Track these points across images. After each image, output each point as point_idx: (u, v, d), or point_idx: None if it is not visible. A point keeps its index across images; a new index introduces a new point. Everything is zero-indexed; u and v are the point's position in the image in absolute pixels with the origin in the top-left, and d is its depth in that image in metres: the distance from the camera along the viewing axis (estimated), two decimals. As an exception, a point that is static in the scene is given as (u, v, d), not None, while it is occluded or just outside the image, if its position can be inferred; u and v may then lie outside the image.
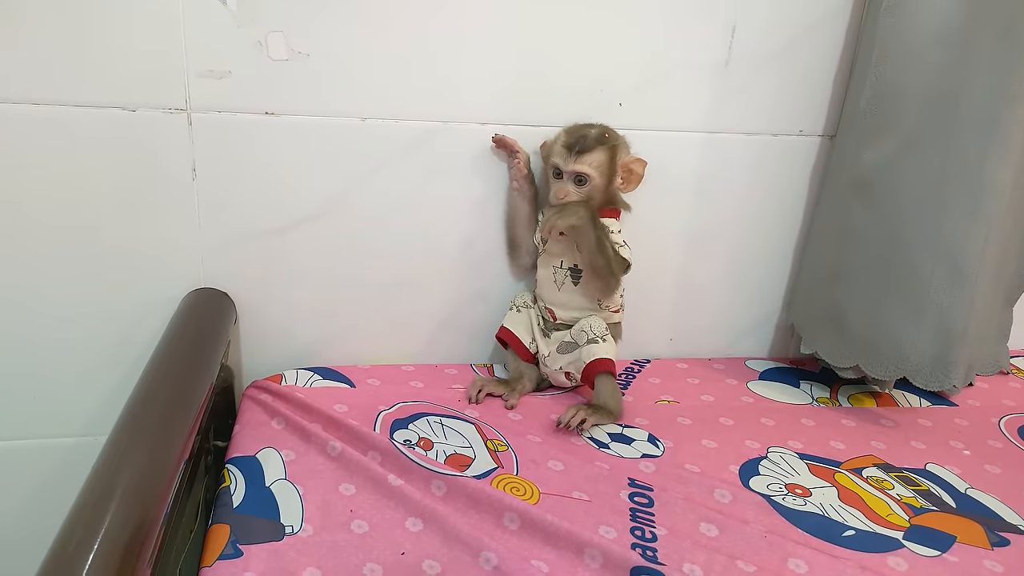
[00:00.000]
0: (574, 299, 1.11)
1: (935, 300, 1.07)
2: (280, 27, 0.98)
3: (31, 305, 1.04)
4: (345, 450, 0.93)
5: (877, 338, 1.12)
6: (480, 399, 1.10)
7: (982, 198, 1.03)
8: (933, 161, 1.04)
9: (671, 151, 1.16)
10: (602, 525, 0.84)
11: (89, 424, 1.12)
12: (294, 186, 1.06)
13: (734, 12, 1.10)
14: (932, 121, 1.04)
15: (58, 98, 0.95)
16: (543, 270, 1.13)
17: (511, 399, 1.09)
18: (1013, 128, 1.01)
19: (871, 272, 1.12)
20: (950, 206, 1.05)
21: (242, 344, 1.14)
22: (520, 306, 1.17)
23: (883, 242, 1.10)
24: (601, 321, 1.09)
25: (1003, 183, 1.04)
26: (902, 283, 1.09)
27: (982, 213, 1.04)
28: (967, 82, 1.01)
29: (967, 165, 1.03)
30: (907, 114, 1.05)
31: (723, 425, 1.09)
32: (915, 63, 1.03)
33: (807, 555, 0.82)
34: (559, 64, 1.08)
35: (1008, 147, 1.02)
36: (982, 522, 0.91)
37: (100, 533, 0.59)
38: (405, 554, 0.78)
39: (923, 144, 1.05)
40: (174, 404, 0.80)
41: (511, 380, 1.14)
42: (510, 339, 1.15)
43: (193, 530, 0.87)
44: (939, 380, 1.10)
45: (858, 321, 1.13)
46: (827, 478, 0.98)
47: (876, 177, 1.09)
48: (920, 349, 1.09)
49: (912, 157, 1.06)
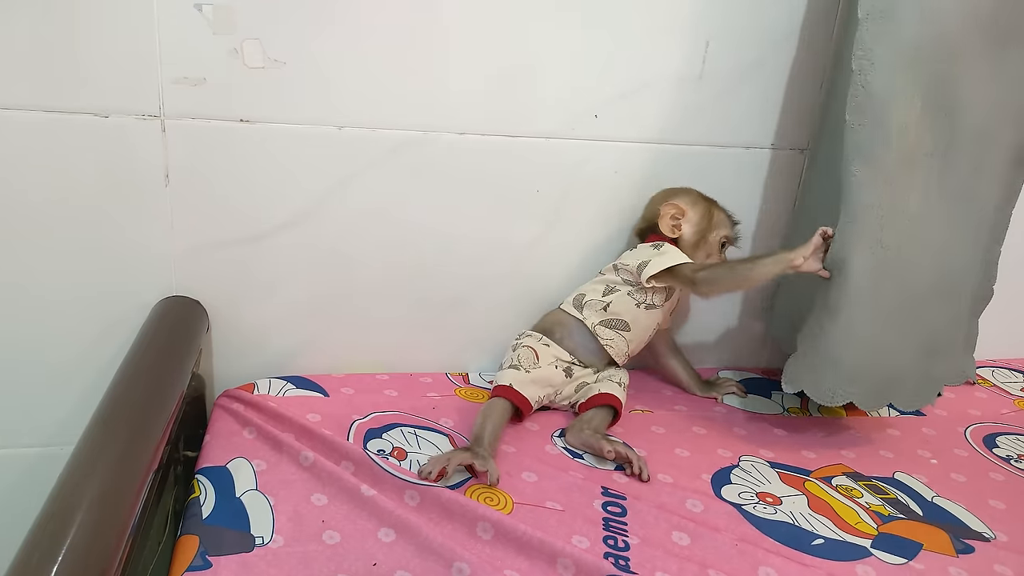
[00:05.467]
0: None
1: (924, 318, 1.04)
2: (256, 34, 0.98)
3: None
4: (318, 460, 0.92)
5: (868, 367, 1.04)
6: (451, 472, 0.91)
7: (971, 212, 1.02)
8: (925, 176, 0.99)
9: (644, 163, 1.17)
10: (575, 534, 0.84)
11: (56, 434, 1.09)
12: (269, 194, 1.06)
13: (708, 26, 1.12)
14: (923, 132, 0.98)
15: (29, 103, 0.94)
16: (649, 320, 1.13)
17: (487, 465, 0.92)
18: (1003, 142, 1.01)
19: (857, 297, 1.00)
20: (942, 221, 1.02)
21: (214, 353, 1.13)
22: (528, 366, 1.08)
23: (877, 259, 1.00)
24: (628, 375, 1.16)
25: (990, 196, 1.02)
26: (897, 304, 1.02)
27: (971, 226, 1.03)
28: (960, 93, 0.98)
29: (960, 177, 1.00)
30: (894, 126, 0.97)
31: (696, 434, 1.10)
32: (902, 74, 0.96)
33: (777, 563, 0.82)
34: (536, 75, 1.09)
35: (999, 160, 1.02)
36: (948, 530, 0.93)
37: (65, 545, 0.58)
38: (377, 565, 0.78)
39: (913, 155, 0.99)
40: (143, 413, 0.79)
41: (477, 447, 0.95)
42: (524, 408, 1.04)
43: (161, 542, 0.86)
44: (923, 399, 1.10)
45: (852, 353, 1.03)
46: (797, 487, 0.99)
47: (868, 192, 0.99)
48: (909, 370, 1.07)
49: (901, 168, 0.98)
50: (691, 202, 1.14)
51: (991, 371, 1.44)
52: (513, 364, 1.09)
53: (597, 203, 1.18)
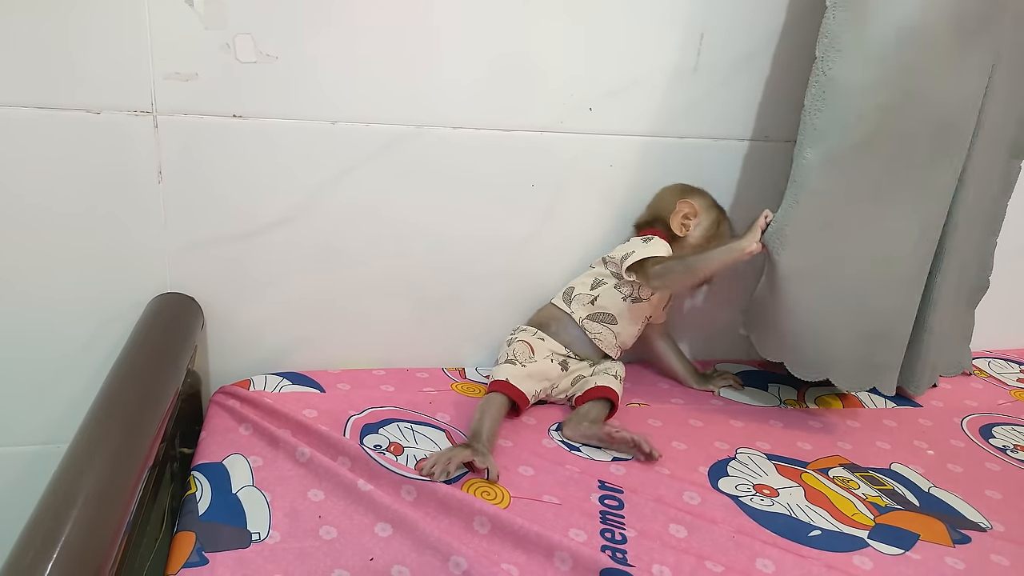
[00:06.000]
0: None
1: (865, 303, 1.06)
2: (248, 29, 0.97)
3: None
4: (314, 456, 0.92)
5: (805, 339, 1.08)
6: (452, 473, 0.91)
7: (922, 200, 1.02)
8: (879, 163, 1.00)
9: (640, 156, 1.17)
10: (572, 528, 0.84)
11: (51, 432, 1.09)
12: (262, 190, 1.05)
13: (702, 19, 1.12)
14: (882, 121, 0.97)
15: (21, 100, 0.93)
16: (636, 314, 1.13)
17: (486, 462, 0.92)
18: (968, 133, 1.01)
19: (808, 274, 1.04)
20: (892, 209, 1.03)
21: (209, 349, 1.12)
22: (524, 361, 1.08)
23: (819, 241, 1.03)
24: (624, 368, 1.15)
25: (947, 187, 1.03)
26: (836, 285, 1.05)
27: (920, 216, 1.03)
28: (923, 83, 0.97)
29: (915, 166, 1.01)
30: (854, 113, 0.97)
31: (693, 427, 1.10)
32: (872, 62, 0.95)
33: (774, 555, 0.83)
34: (530, 68, 1.09)
35: (962, 153, 1.02)
36: (944, 520, 0.93)
37: (59, 542, 0.58)
38: (374, 560, 0.78)
39: (869, 143, 0.98)
40: (138, 410, 0.79)
41: (476, 443, 0.95)
42: (521, 402, 1.05)
43: (158, 538, 0.86)
44: (862, 383, 1.11)
45: (788, 322, 1.08)
46: (794, 478, 0.99)
47: (817, 176, 1.00)
48: (846, 351, 1.08)
49: (855, 155, 0.99)
50: (706, 206, 1.13)
51: (987, 361, 1.44)
52: (509, 359, 1.09)
53: (592, 197, 1.18)
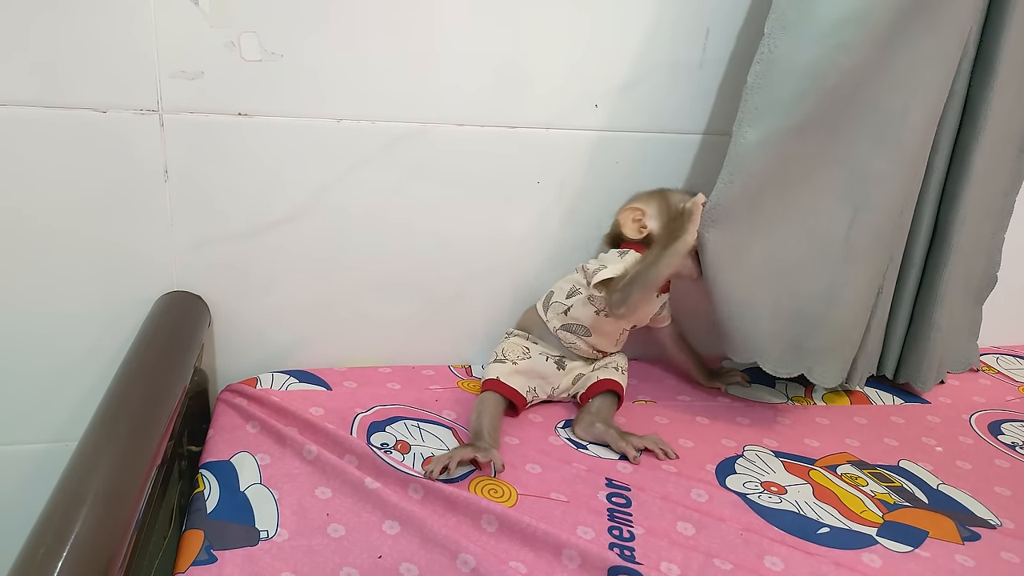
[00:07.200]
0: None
1: (792, 287, 1.05)
2: (253, 27, 0.97)
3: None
4: (321, 453, 0.92)
5: (731, 322, 1.07)
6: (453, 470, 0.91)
7: (853, 182, 1.01)
8: (816, 145, 0.99)
9: (645, 153, 1.17)
10: (580, 525, 0.84)
11: (60, 430, 1.10)
12: (268, 188, 1.05)
13: (708, 14, 1.11)
14: (822, 101, 0.95)
15: (26, 99, 0.93)
16: (611, 327, 1.10)
17: (490, 455, 0.93)
18: (914, 118, 0.99)
19: (734, 252, 1.03)
20: (822, 190, 1.02)
21: (216, 347, 1.12)
22: (514, 359, 1.08)
23: (750, 221, 1.03)
24: (626, 359, 1.15)
25: (887, 173, 1.01)
26: (762, 264, 1.05)
27: (854, 199, 1.02)
28: (867, 66, 0.95)
29: (851, 153, 1.00)
30: (795, 93, 0.95)
31: (700, 424, 1.10)
32: (814, 41, 0.93)
33: (783, 552, 0.82)
34: (535, 66, 1.08)
35: (899, 138, 1.00)
36: (954, 517, 0.93)
37: (69, 540, 0.58)
38: (382, 557, 0.78)
39: (807, 124, 0.97)
40: (146, 408, 0.79)
41: (479, 441, 0.95)
42: (516, 399, 1.05)
43: (167, 536, 0.86)
44: (790, 367, 1.10)
45: (716, 302, 1.07)
46: (802, 475, 0.99)
47: (754, 156, 0.98)
48: (773, 331, 1.07)
49: (792, 136, 0.97)
50: (644, 199, 1.10)
51: (995, 358, 1.43)
52: (499, 358, 1.08)
53: (598, 193, 1.18)
